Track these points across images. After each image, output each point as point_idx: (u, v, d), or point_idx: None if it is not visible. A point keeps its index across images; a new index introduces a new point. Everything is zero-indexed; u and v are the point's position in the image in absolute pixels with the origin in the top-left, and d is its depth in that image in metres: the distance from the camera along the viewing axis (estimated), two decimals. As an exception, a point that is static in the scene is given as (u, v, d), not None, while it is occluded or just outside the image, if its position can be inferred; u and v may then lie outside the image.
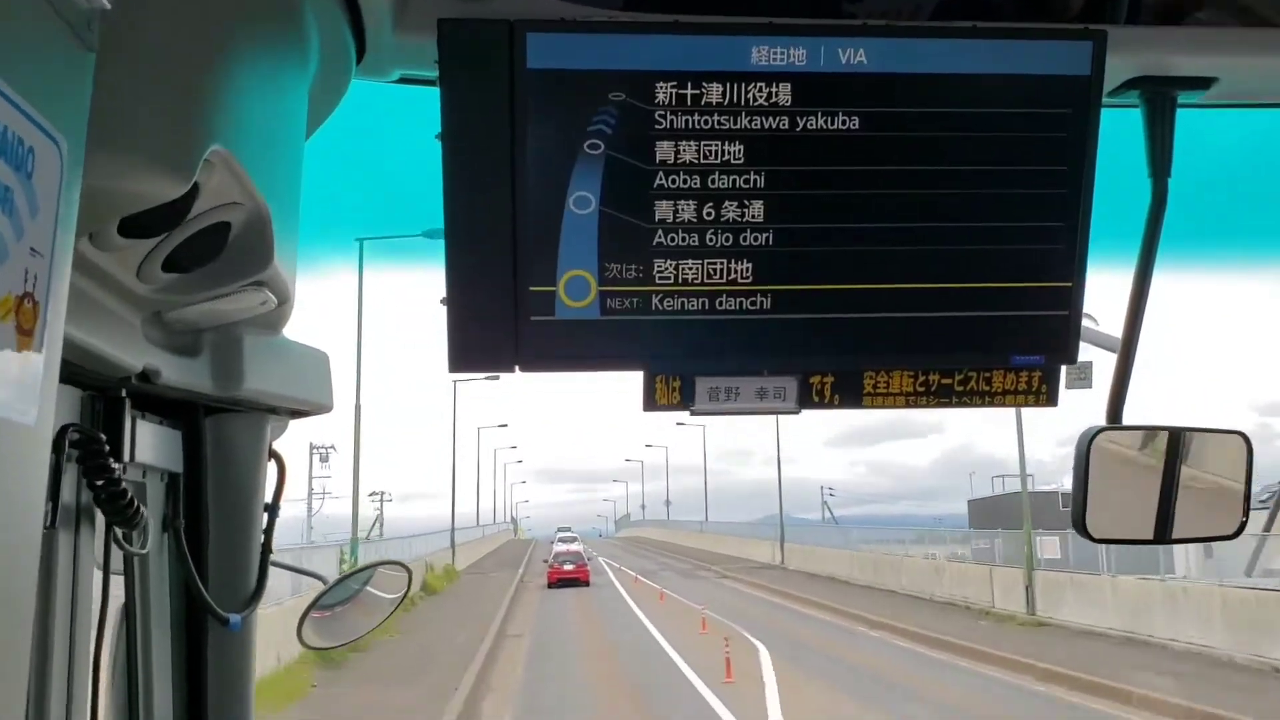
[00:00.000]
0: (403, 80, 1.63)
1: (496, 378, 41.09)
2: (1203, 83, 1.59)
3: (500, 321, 1.50)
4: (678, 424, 72.55)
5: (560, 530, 73.39)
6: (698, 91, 1.49)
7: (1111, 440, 1.63)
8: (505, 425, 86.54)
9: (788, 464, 63.70)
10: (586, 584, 40.80)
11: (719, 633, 21.49)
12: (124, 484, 1.37)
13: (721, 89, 1.49)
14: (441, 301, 1.52)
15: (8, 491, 0.82)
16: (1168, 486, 1.63)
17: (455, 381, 45.53)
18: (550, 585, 40.09)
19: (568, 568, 41.52)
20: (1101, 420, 1.61)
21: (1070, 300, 1.58)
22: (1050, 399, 1.62)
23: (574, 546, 47.17)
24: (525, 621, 26.65)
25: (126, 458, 1.47)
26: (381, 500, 62.93)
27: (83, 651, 1.39)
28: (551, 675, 18.07)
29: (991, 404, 1.61)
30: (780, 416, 1.72)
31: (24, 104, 0.79)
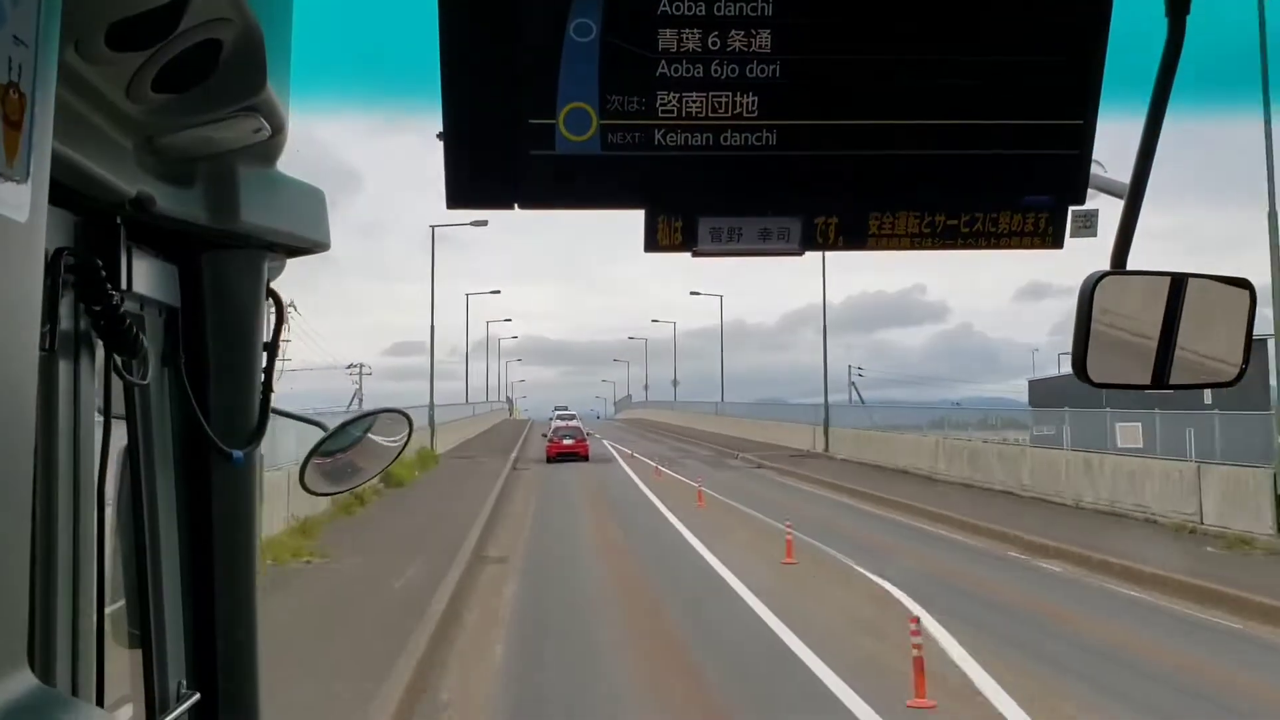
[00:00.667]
0: None
1: (484, 223, 40.65)
2: None
3: (499, 156, 1.47)
4: (691, 292, 71.05)
5: (558, 409, 72.21)
6: None
7: (1115, 285, 1.62)
8: (498, 292, 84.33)
9: (781, 350, 62.57)
10: (586, 459, 43.31)
11: (812, 564, 15.21)
12: (123, 309, 1.38)
13: None
14: (438, 136, 1.49)
15: (6, 292, 0.81)
16: (1168, 332, 1.63)
17: (433, 227, 44.30)
18: (549, 460, 42.36)
19: (567, 442, 44.76)
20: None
21: (1081, 139, 1.55)
22: (1057, 241, 1.60)
23: (573, 423, 50.49)
24: (513, 539, 19.08)
25: (124, 286, 1.47)
26: (360, 373, 61.62)
27: (87, 482, 1.41)
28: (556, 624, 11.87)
29: (997, 245, 1.59)
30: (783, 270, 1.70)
31: None
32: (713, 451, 48.59)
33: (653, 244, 1.57)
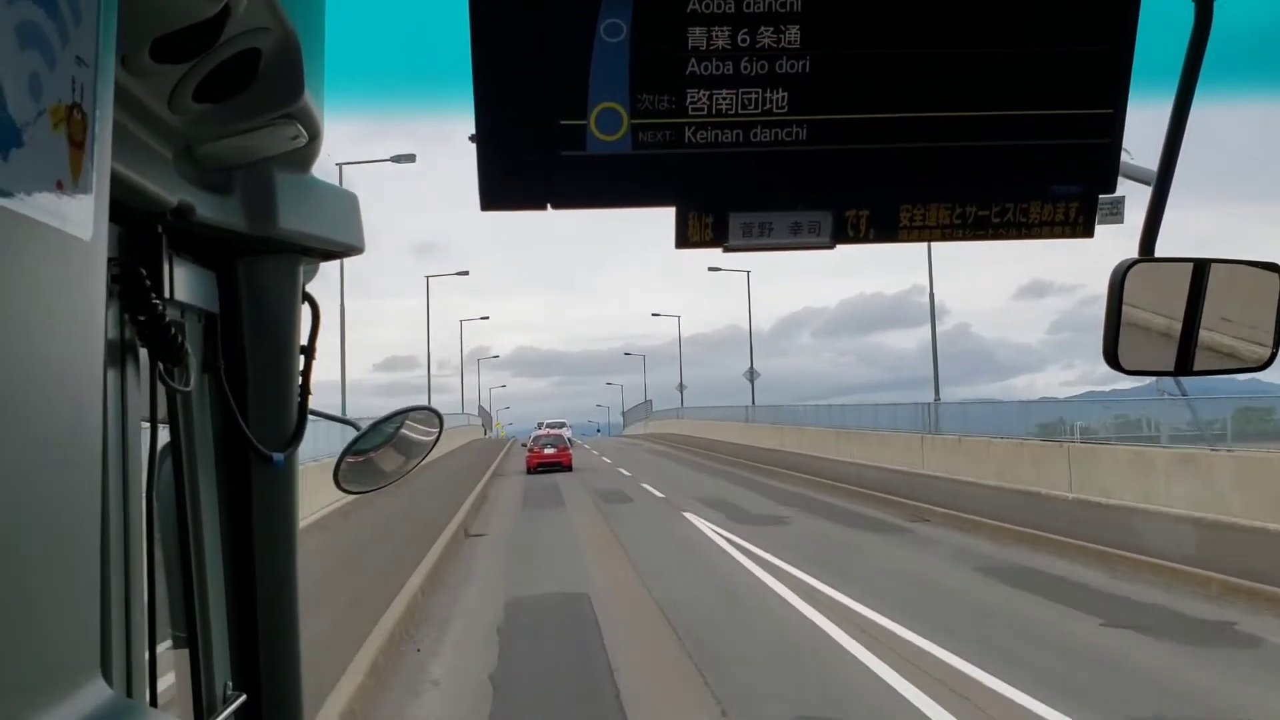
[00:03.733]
0: None
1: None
2: None
3: (531, 157, 1.50)
4: (711, 267, 57.42)
5: (542, 425, 59.29)
6: None
7: (1144, 272, 1.66)
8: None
9: (778, 356, 56.93)
10: (569, 469, 40.69)
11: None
12: (166, 317, 1.44)
13: None
14: (470, 138, 1.52)
15: (71, 309, 0.86)
16: (1193, 319, 1.67)
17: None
18: (530, 471, 39.70)
19: (548, 451, 41.73)
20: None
21: (1111, 127, 1.58)
22: (1087, 230, 1.63)
23: (560, 431, 46.67)
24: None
25: (166, 294, 1.53)
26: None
27: (135, 489, 1.47)
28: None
29: (1028, 235, 1.63)
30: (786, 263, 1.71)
31: None
32: (803, 486, 30.27)
33: (684, 240, 1.60)
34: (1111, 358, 1.65)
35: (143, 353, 1.50)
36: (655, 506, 25.98)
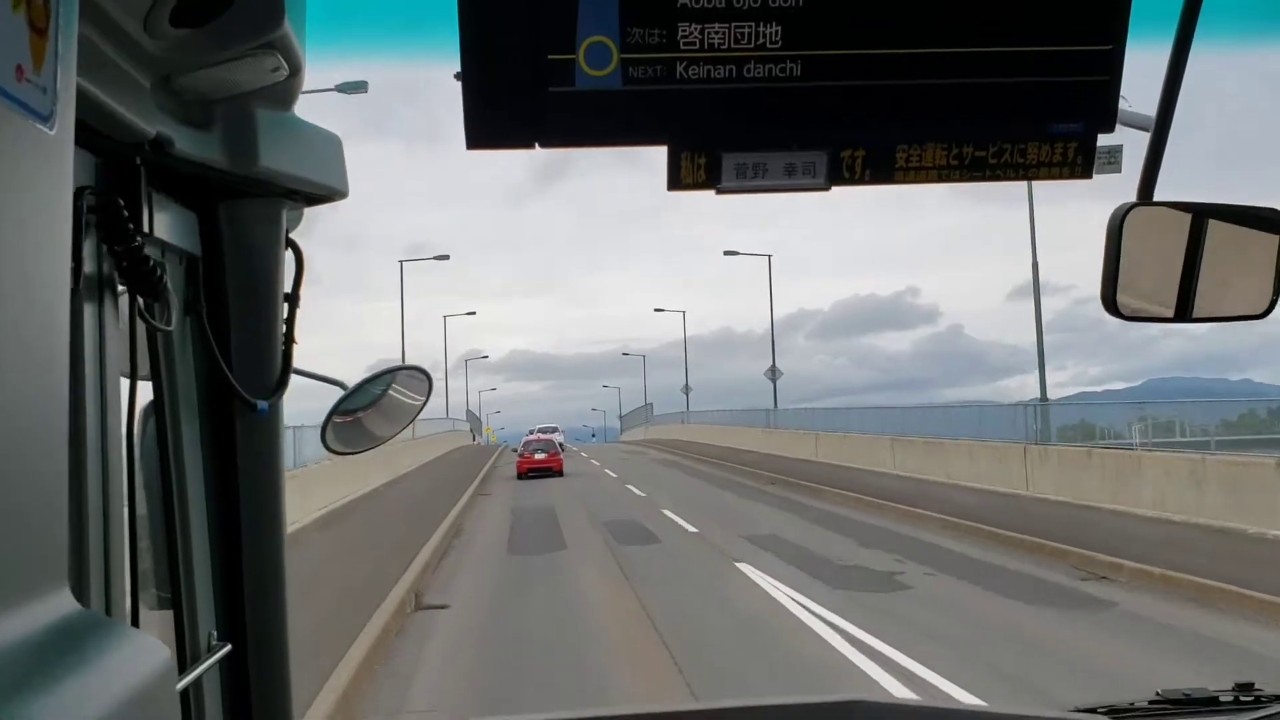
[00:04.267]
0: None
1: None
2: None
3: (518, 94, 1.66)
4: (727, 251, 58.24)
5: (534, 430, 61.51)
6: None
7: (1143, 217, 1.84)
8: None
9: (773, 356, 54.59)
10: (560, 474, 44.37)
11: None
12: (146, 251, 1.56)
13: None
14: (456, 76, 1.68)
15: (34, 205, 0.91)
16: (1193, 266, 1.86)
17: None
18: (520, 476, 43.59)
19: (539, 456, 45.70)
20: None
21: (1110, 64, 1.74)
22: (1085, 171, 1.79)
23: (551, 436, 49.73)
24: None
25: (145, 230, 1.66)
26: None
27: (114, 428, 1.59)
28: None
29: (1026, 176, 1.79)
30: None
31: None
32: (855, 507, 27.46)
33: (676, 181, 1.76)
34: (1110, 303, 1.83)
35: (123, 293, 1.61)
36: (690, 550, 20.81)
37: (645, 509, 29.08)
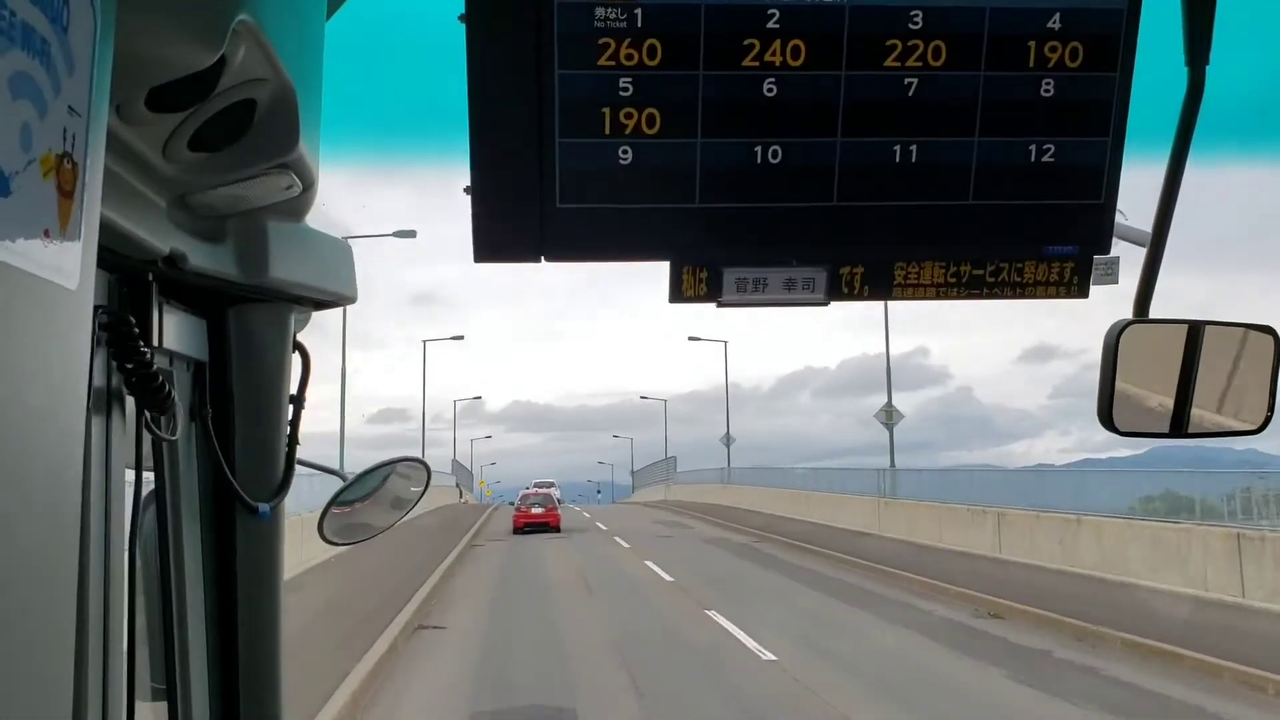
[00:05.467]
0: None
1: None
2: None
3: (525, 210, 1.71)
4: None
5: (531, 484, 57.25)
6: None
7: (1139, 334, 1.87)
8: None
9: (777, 415, 51.43)
10: (557, 529, 42.25)
11: None
12: (155, 367, 1.58)
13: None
14: (465, 190, 1.72)
15: (55, 358, 0.95)
16: (1188, 381, 1.89)
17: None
18: (516, 531, 42.30)
19: (536, 511, 43.80)
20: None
21: (1105, 189, 1.79)
22: (1082, 290, 1.84)
23: (547, 490, 48.02)
24: None
25: (155, 343, 1.68)
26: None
27: (118, 535, 1.60)
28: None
29: (1023, 295, 1.83)
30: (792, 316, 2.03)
31: None
32: None
33: (678, 294, 1.79)
34: (1106, 419, 1.86)
35: (129, 400, 1.63)
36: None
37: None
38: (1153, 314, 1.93)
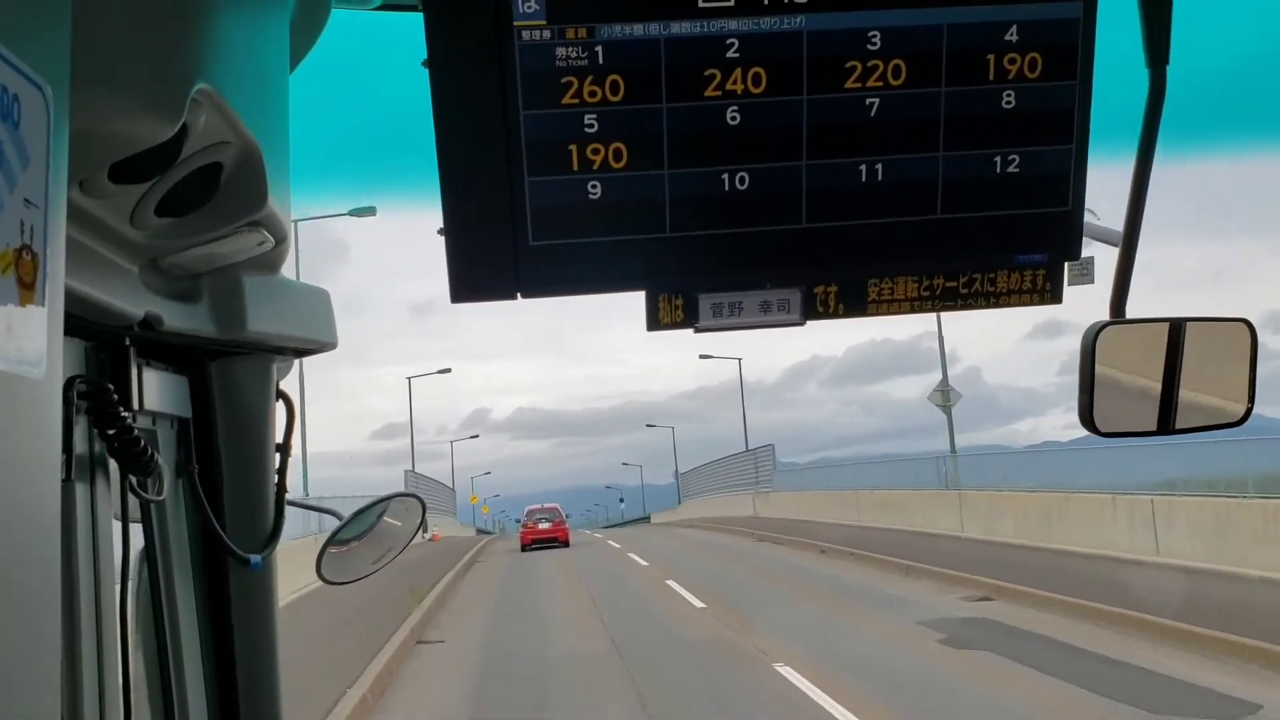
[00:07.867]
0: (384, 7, 1.84)
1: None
2: None
3: (500, 249, 1.72)
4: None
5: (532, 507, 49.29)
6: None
7: (1116, 334, 1.89)
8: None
9: (784, 407, 50.31)
10: (566, 544, 41.77)
11: None
12: (136, 431, 1.58)
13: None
14: (439, 232, 1.74)
15: (24, 447, 0.96)
16: (1171, 378, 1.90)
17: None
18: (524, 548, 41.96)
19: (543, 526, 43.61)
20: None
21: (1071, 194, 1.80)
22: (1055, 296, 1.85)
23: (550, 505, 46.67)
24: None
25: (136, 405, 1.69)
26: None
27: (108, 599, 1.61)
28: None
29: (996, 305, 1.85)
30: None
31: (4, 50, 0.89)
32: None
33: (655, 323, 1.82)
34: (1088, 421, 1.88)
35: (113, 466, 1.63)
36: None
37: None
38: (1129, 313, 1.93)
